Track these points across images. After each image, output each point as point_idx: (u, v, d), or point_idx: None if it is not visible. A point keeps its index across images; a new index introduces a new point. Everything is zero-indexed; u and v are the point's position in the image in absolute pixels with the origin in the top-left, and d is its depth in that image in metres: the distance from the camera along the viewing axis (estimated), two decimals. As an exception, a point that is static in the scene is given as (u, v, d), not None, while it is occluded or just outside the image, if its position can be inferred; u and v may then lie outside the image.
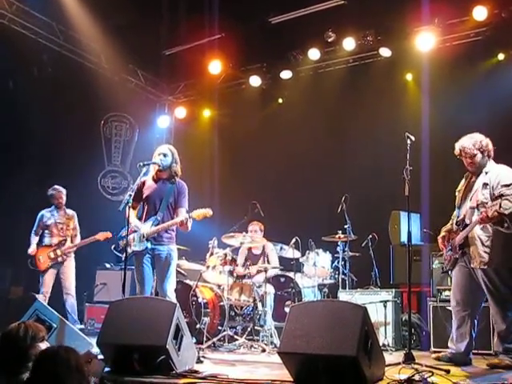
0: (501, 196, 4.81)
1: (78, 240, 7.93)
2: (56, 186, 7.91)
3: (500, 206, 4.65)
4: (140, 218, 5.77)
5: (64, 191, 7.93)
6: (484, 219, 4.81)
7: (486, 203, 4.93)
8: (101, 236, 7.73)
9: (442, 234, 5.47)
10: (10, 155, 8.87)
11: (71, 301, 7.71)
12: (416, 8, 8.08)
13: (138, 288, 5.64)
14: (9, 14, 8.42)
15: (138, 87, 10.86)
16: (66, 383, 2.81)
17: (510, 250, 4.95)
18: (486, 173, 5.11)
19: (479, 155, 5.12)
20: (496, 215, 4.70)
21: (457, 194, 5.43)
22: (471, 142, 5.14)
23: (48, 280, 7.63)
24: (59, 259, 7.68)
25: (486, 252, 4.96)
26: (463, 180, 5.42)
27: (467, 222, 5.10)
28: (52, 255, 7.67)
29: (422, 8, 8.04)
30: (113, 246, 6.11)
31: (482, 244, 4.99)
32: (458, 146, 5.23)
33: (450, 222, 5.48)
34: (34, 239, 7.78)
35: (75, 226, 7.96)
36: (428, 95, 8.56)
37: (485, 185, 5.05)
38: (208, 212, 5.65)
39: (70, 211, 7.98)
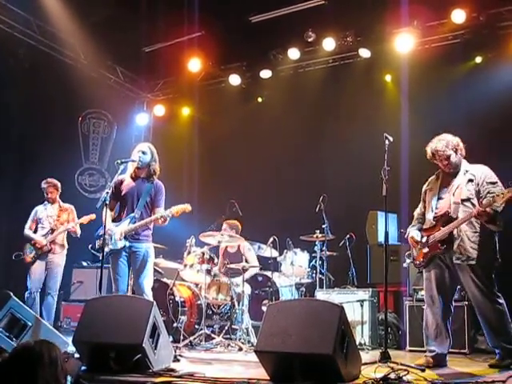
0: (488, 193, 4.88)
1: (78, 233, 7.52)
2: (48, 179, 7.59)
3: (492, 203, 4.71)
4: (118, 216, 5.71)
5: (56, 184, 7.61)
6: (480, 213, 4.78)
7: (472, 199, 4.98)
8: (85, 219, 7.46)
9: (415, 232, 5.35)
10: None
11: (49, 301, 7.29)
12: (395, 10, 8.14)
13: (113, 287, 5.59)
14: (-17, 8, 8.29)
15: (116, 84, 10.77)
16: (39, 378, 2.77)
17: (495, 246, 5.01)
18: (467, 171, 5.12)
19: (453, 155, 5.12)
20: (491, 212, 4.75)
21: (426, 191, 5.41)
22: (443, 143, 5.11)
23: (36, 274, 7.26)
24: (45, 248, 7.33)
25: (473, 248, 4.93)
26: (433, 178, 5.40)
27: (453, 216, 5.02)
28: (38, 245, 7.33)
29: (402, 10, 8.10)
30: (90, 246, 6.04)
31: (469, 239, 4.96)
32: (429, 149, 5.20)
33: (416, 221, 5.45)
34: (31, 233, 7.45)
35: (70, 219, 7.54)
36: (407, 96, 8.63)
37: (470, 181, 5.05)
38: (187, 207, 5.62)
39: (66, 205, 7.66)
